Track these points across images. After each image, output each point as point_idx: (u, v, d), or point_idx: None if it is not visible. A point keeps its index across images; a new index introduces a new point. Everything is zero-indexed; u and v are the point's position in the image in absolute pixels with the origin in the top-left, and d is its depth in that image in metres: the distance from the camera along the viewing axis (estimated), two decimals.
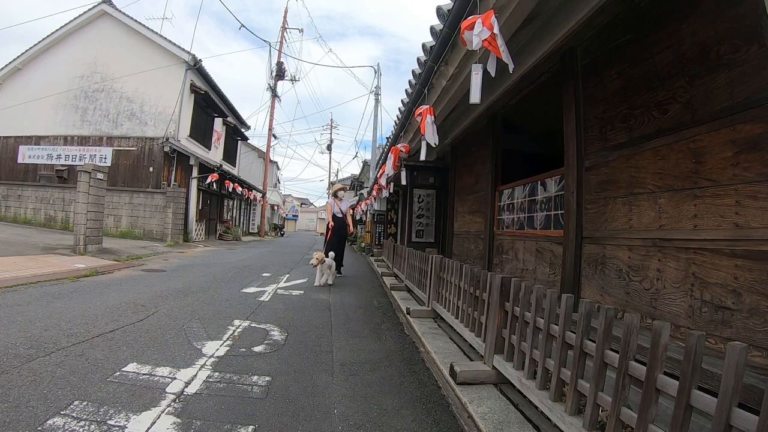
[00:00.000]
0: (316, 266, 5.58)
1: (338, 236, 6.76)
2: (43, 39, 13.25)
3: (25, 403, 1.72)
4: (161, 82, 12.60)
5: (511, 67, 2.23)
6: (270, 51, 35.41)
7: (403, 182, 6.48)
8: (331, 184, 38.10)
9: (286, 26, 23.65)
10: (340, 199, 7.00)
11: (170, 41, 12.91)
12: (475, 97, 2.43)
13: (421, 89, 4.02)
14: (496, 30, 2.12)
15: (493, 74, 2.36)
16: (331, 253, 6.01)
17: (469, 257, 5.29)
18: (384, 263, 9.17)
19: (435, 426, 1.85)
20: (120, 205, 12.06)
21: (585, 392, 1.48)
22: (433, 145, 3.68)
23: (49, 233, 10.11)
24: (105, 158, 12.51)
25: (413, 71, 4.41)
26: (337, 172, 39.47)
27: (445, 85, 3.63)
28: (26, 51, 13.34)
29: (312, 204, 58.75)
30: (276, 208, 33.03)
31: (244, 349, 2.72)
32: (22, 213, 12.59)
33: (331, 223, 6.68)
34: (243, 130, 19.72)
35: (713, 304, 1.76)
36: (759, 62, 1.62)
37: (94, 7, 13.00)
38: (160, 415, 1.74)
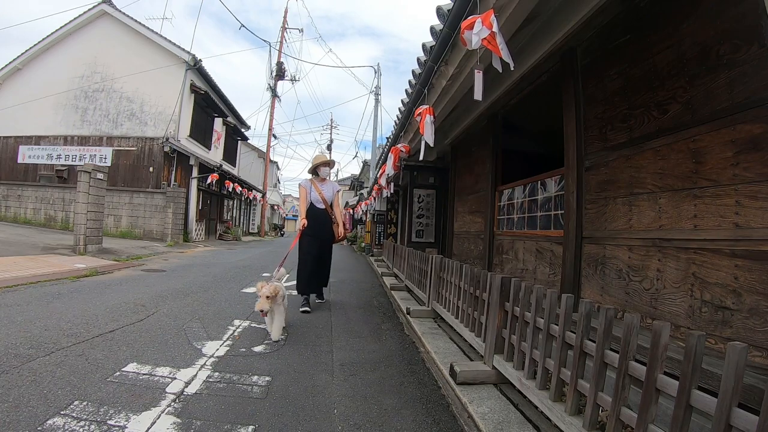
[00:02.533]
0: (265, 315, 2.91)
1: (317, 241, 4.16)
2: (43, 39, 13.27)
3: (25, 403, 1.72)
4: (161, 82, 12.62)
5: (512, 65, 2.23)
6: (270, 51, 35.45)
7: (402, 182, 6.44)
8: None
9: (286, 26, 23.69)
10: (324, 180, 4.33)
11: (170, 41, 12.93)
12: (478, 94, 2.44)
13: (421, 89, 4.01)
14: (495, 29, 2.12)
15: (500, 70, 2.36)
16: (281, 271, 3.48)
17: (469, 257, 5.29)
18: (384, 263, 9.17)
19: (435, 426, 1.85)
20: (120, 205, 12.06)
21: (585, 392, 1.48)
22: (431, 145, 3.68)
23: (49, 233, 10.11)
24: (105, 158, 12.52)
25: (413, 71, 4.41)
26: (338, 172, 39.43)
27: (445, 85, 3.63)
28: (26, 51, 13.36)
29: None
30: (276, 208, 33.04)
31: (244, 349, 2.72)
32: (22, 213, 12.59)
33: (304, 219, 4.05)
34: (243, 130, 19.73)
35: (713, 304, 1.76)
36: (759, 62, 1.62)
37: (94, 7, 13.01)
38: (160, 415, 1.74)
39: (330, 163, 4.46)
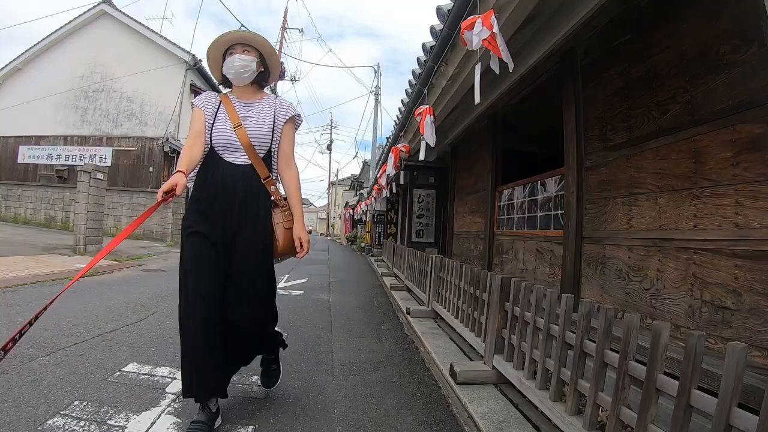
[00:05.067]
0: None
1: (221, 257, 1.58)
2: (43, 39, 13.25)
3: (25, 403, 1.72)
4: (161, 82, 12.60)
5: (511, 66, 2.23)
6: None
7: (402, 182, 6.44)
8: (332, 184, 37.82)
9: (286, 26, 23.65)
10: (251, 94, 1.76)
11: (170, 41, 12.90)
12: (477, 96, 2.44)
13: (421, 89, 4.01)
14: (496, 30, 2.12)
15: (497, 72, 2.36)
16: None
17: (469, 257, 5.29)
18: (384, 263, 9.17)
19: (435, 426, 1.85)
20: (120, 205, 12.06)
21: (585, 392, 1.48)
22: (432, 145, 3.68)
23: (49, 233, 10.11)
24: (105, 158, 12.51)
25: (413, 71, 4.41)
26: (337, 171, 39.38)
27: (445, 85, 3.63)
28: (26, 51, 13.34)
29: (312, 204, 58.93)
30: None
31: None
32: (22, 213, 12.59)
33: (179, 172, 1.57)
34: None
35: (713, 304, 1.76)
36: (759, 62, 1.62)
37: (94, 7, 12.99)
38: (160, 415, 1.73)
39: (253, 45, 1.75)
